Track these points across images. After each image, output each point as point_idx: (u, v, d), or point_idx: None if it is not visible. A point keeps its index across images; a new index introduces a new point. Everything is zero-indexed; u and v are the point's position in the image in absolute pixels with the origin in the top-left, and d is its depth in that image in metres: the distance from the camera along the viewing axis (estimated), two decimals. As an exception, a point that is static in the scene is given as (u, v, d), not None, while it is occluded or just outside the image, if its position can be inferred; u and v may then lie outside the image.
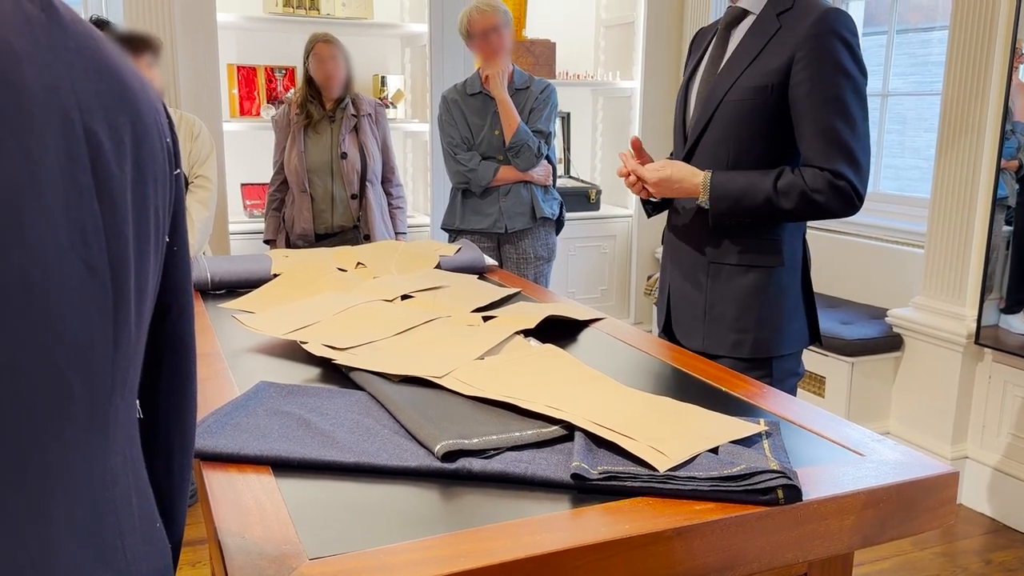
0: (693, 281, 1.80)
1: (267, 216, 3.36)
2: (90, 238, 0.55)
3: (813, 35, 1.60)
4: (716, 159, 1.72)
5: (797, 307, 1.77)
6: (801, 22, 1.62)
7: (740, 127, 1.69)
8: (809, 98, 1.61)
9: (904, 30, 3.71)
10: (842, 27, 1.61)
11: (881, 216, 3.62)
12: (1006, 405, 2.85)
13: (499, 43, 2.95)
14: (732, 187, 1.64)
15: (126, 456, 0.64)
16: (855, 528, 0.99)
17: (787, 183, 1.62)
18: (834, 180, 1.60)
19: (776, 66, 1.64)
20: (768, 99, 1.65)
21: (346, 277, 2.00)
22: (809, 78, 1.60)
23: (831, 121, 1.60)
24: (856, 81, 1.62)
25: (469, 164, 3.01)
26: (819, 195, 1.61)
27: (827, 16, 1.61)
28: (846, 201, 1.62)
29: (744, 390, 1.33)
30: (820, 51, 1.60)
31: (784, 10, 1.67)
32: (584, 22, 4.60)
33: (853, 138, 1.61)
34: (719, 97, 1.70)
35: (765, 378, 1.72)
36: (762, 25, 1.69)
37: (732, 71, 1.70)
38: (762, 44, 1.67)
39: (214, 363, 1.42)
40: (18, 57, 0.52)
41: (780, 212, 1.64)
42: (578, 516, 0.92)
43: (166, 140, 0.66)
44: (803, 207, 1.62)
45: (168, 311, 0.72)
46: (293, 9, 3.73)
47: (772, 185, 1.62)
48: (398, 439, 1.08)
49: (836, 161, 1.60)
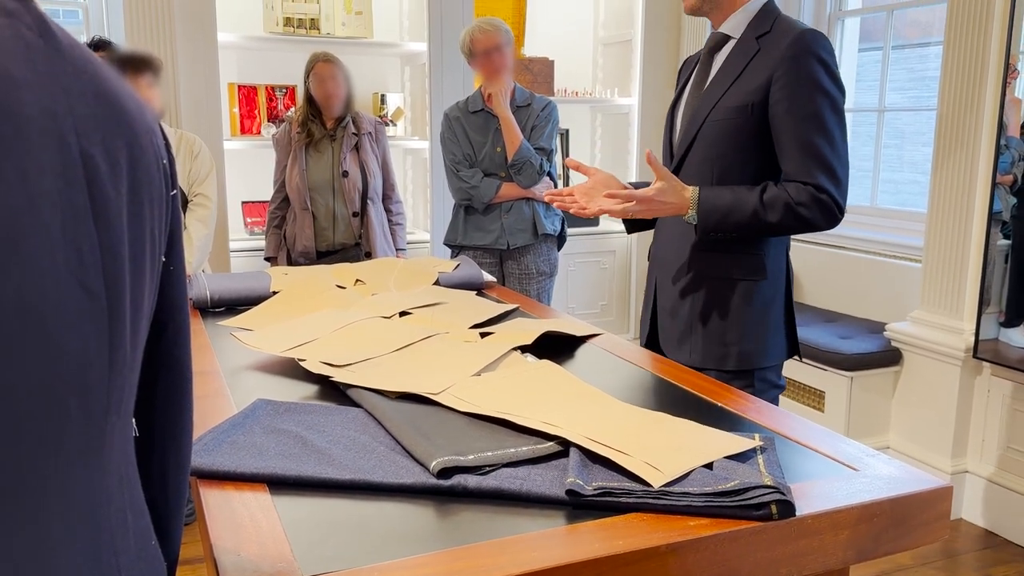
0: (680, 295, 1.82)
1: (268, 233, 3.38)
2: (86, 259, 0.56)
3: (790, 56, 1.65)
4: (702, 177, 1.75)
5: (779, 320, 1.81)
6: (779, 43, 1.68)
7: (723, 145, 1.73)
8: (788, 115, 1.66)
9: (901, 46, 3.74)
10: (818, 47, 1.66)
11: (879, 230, 3.63)
12: (1005, 419, 2.85)
13: (501, 62, 2.97)
14: (720, 202, 1.67)
15: (122, 474, 0.64)
16: (849, 543, 1.00)
17: (772, 196, 1.66)
18: (816, 193, 1.64)
19: (756, 86, 1.69)
20: (749, 118, 1.70)
21: (345, 294, 2.01)
22: (787, 96, 1.65)
23: (810, 137, 1.65)
24: (833, 98, 1.67)
25: (471, 181, 3.04)
26: (803, 208, 1.64)
27: (803, 37, 1.66)
28: (828, 214, 1.66)
29: (739, 405, 1.33)
30: (797, 70, 1.65)
31: (763, 33, 1.72)
32: (582, 40, 4.63)
33: (832, 153, 1.66)
34: (702, 117, 1.75)
35: (748, 388, 1.75)
36: (742, 48, 1.74)
37: (714, 92, 1.75)
38: (743, 66, 1.72)
39: (212, 381, 1.43)
40: (17, 84, 0.53)
41: (766, 225, 1.67)
42: (573, 532, 0.92)
43: (162, 161, 0.67)
44: (788, 220, 1.65)
45: (164, 330, 0.73)
46: (294, 28, 3.76)
47: (758, 199, 1.66)
48: (394, 456, 1.08)
49: (816, 175, 1.64)
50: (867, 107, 3.90)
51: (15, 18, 0.56)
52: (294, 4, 3.75)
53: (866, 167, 3.89)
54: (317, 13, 3.79)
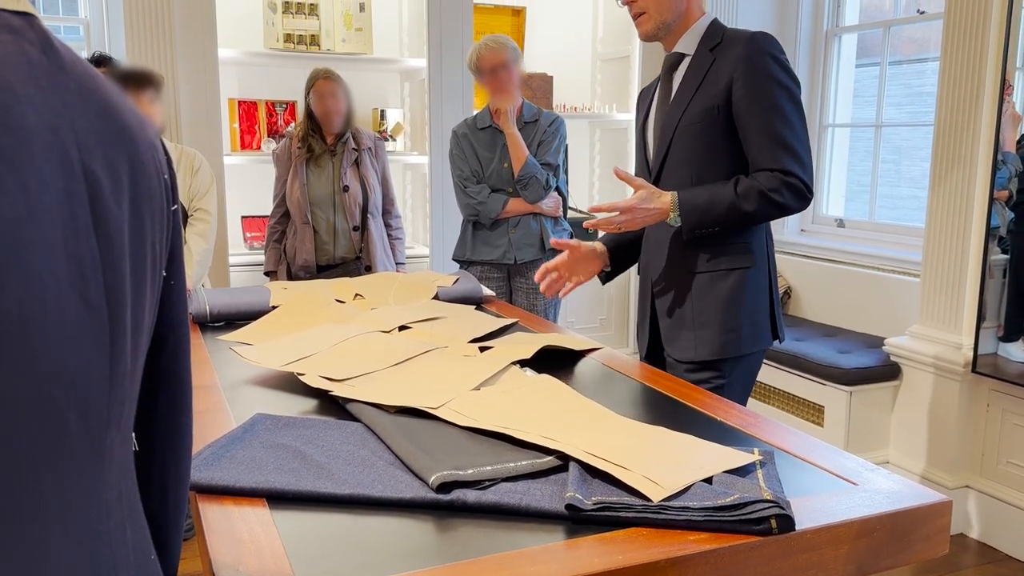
0: (677, 295, 1.88)
1: (268, 248, 3.38)
2: (87, 273, 0.57)
3: (745, 56, 1.76)
4: (681, 180, 1.84)
5: (763, 309, 1.89)
6: (732, 49, 1.79)
7: (697, 147, 1.82)
8: (750, 109, 1.76)
9: (898, 61, 3.76)
10: (769, 45, 1.77)
11: (878, 245, 3.63)
12: (1005, 434, 2.85)
13: (507, 79, 2.99)
14: (698, 200, 1.76)
15: (121, 489, 0.64)
16: (849, 557, 0.99)
17: (745, 187, 1.75)
18: (785, 178, 1.74)
19: (718, 89, 1.79)
20: (716, 119, 1.79)
21: (344, 309, 2.01)
22: (748, 93, 1.76)
23: (773, 126, 1.75)
24: (789, 89, 1.77)
25: (478, 197, 3.05)
26: (776, 194, 1.73)
27: (754, 38, 1.78)
28: (799, 195, 1.75)
29: (739, 419, 1.33)
30: (753, 68, 1.75)
31: (715, 45, 1.83)
32: (581, 56, 4.66)
33: (794, 138, 1.75)
34: (673, 126, 1.85)
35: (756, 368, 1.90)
36: (698, 61, 1.84)
37: (680, 102, 1.85)
38: (702, 75, 1.82)
39: (212, 395, 1.43)
40: (20, 99, 0.53)
41: (744, 215, 1.75)
42: (572, 547, 0.92)
43: (164, 176, 0.67)
44: (764, 207, 1.74)
45: (164, 344, 0.73)
46: (294, 44, 3.78)
47: (733, 192, 1.75)
48: (393, 470, 1.08)
49: (783, 160, 1.74)
50: (865, 122, 3.92)
51: (18, 35, 0.56)
52: (294, 20, 3.78)
53: (864, 182, 3.91)
54: (317, 29, 3.81)
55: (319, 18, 3.80)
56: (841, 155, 4.03)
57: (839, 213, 4.01)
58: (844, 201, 4.05)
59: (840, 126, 4.00)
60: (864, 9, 3.91)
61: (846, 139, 4.02)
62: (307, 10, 3.79)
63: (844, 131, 4.01)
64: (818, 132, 4.03)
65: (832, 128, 4.01)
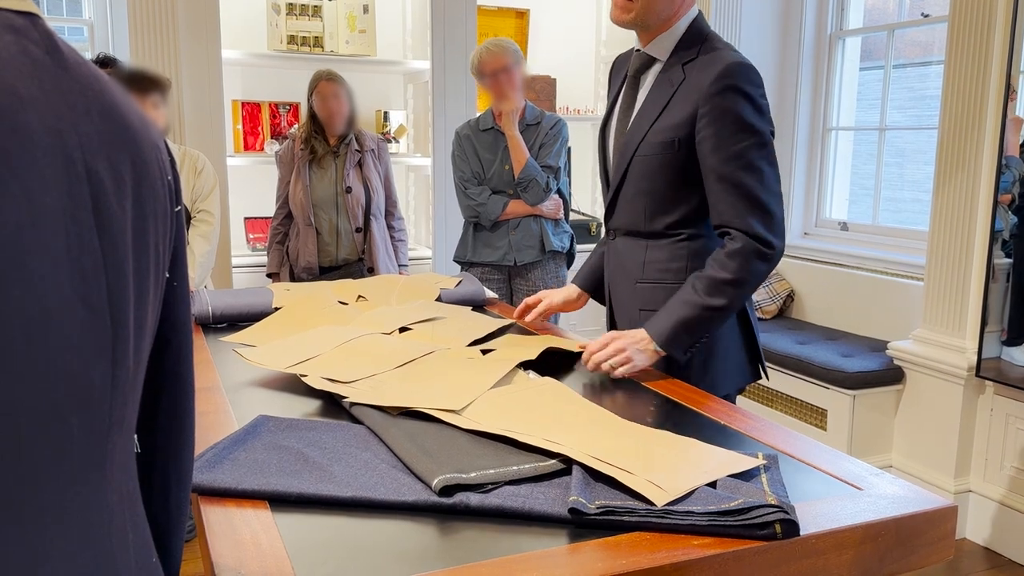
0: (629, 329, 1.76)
1: (270, 249, 3.38)
2: (90, 276, 0.56)
3: (715, 92, 1.60)
4: (635, 211, 1.75)
5: (737, 347, 1.75)
6: (705, 74, 1.62)
7: (653, 181, 1.70)
8: (715, 154, 1.61)
9: (902, 64, 3.75)
10: (743, 81, 1.60)
11: (881, 249, 3.63)
12: (1008, 438, 2.84)
13: (509, 82, 2.99)
14: (674, 324, 1.60)
15: (122, 491, 0.64)
16: (854, 563, 0.99)
17: (706, 285, 1.60)
18: (745, 247, 1.58)
19: (681, 119, 1.64)
20: (676, 154, 1.66)
21: (346, 310, 2.01)
22: (714, 135, 1.60)
23: (737, 177, 1.59)
24: (760, 135, 1.61)
25: (479, 198, 3.05)
26: (739, 275, 1.59)
27: (728, 72, 1.60)
28: (763, 260, 1.60)
29: (742, 423, 1.32)
30: (722, 108, 1.59)
31: (689, 60, 1.67)
32: (584, 58, 4.66)
33: (762, 190, 1.60)
34: (631, 152, 1.72)
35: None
36: (668, 75, 1.70)
37: (641, 124, 1.71)
38: (668, 95, 1.68)
39: (214, 397, 1.43)
40: (23, 101, 0.53)
41: (722, 311, 1.60)
42: (576, 551, 0.92)
43: (167, 178, 0.67)
44: (733, 295, 1.59)
45: (167, 346, 0.73)
46: (297, 46, 3.79)
47: (700, 297, 1.60)
48: (395, 473, 1.08)
49: (746, 216, 1.59)
50: (868, 125, 3.91)
51: (22, 35, 0.56)
52: (298, 22, 3.78)
53: (868, 185, 3.90)
54: (321, 31, 3.81)
55: (323, 20, 3.81)
56: (844, 158, 4.03)
57: (842, 216, 4.00)
58: (847, 204, 4.05)
59: (843, 129, 4.00)
60: (868, 12, 3.90)
61: (849, 142, 4.02)
62: (311, 12, 3.79)
63: (847, 134, 4.01)
64: (821, 135, 4.02)
65: (835, 131, 4.00)
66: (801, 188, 4.09)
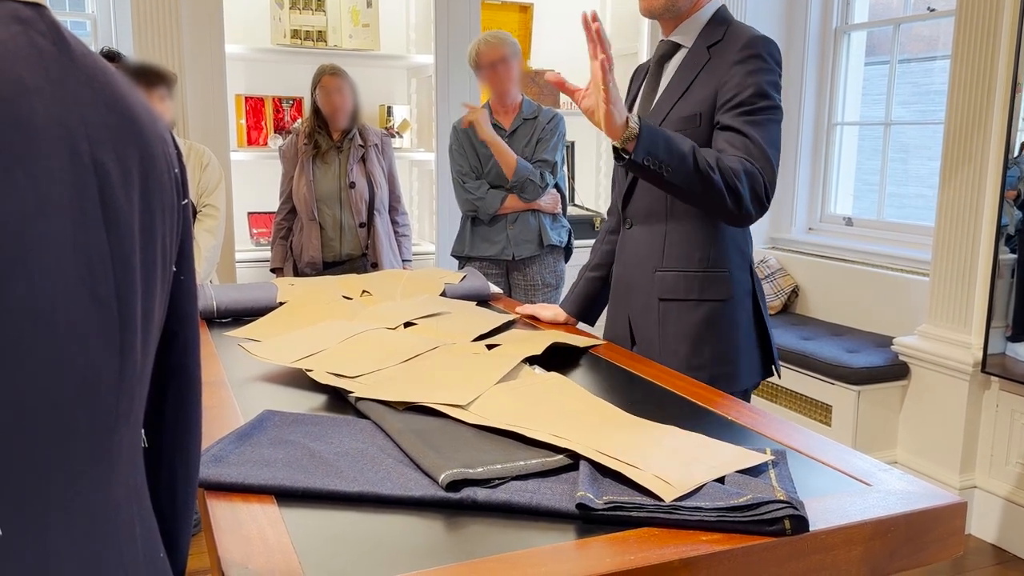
0: (645, 320, 1.78)
1: (274, 244, 3.38)
2: (97, 268, 0.56)
3: (738, 60, 1.64)
4: (656, 194, 1.72)
5: (750, 341, 1.75)
6: (730, 49, 1.66)
7: None
8: (732, 111, 1.62)
9: (906, 60, 3.74)
10: (765, 51, 1.64)
11: (886, 244, 3.62)
12: (1014, 434, 2.83)
13: (507, 74, 2.98)
14: (664, 132, 1.55)
15: (130, 485, 0.64)
16: (863, 559, 0.98)
17: (708, 153, 1.57)
18: (755, 171, 1.58)
19: (704, 95, 1.67)
20: (698, 128, 1.67)
21: (351, 305, 2.00)
22: (734, 95, 1.62)
23: (750, 131, 1.60)
24: (777, 107, 1.64)
25: (477, 193, 3.05)
26: (736, 177, 1.56)
27: (753, 42, 1.65)
28: (757, 199, 1.59)
29: (750, 419, 1.32)
30: (744, 73, 1.63)
31: (715, 42, 1.70)
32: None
33: (772, 152, 1.62)
34: None
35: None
36: (693, 58, 1.72)
37: (664, 105, 1.72)
38: (693, 76, 1.70)
39: (219, 391, 1.42)
40: (29, 91, 0.53)
41: (698, 174, 1.53)
42: (583, 547, 0.91)
43: (174, 171, 0.67)
44: (721, 179, 1.55)
45: (174, 340, 0.73)
46: (301, 40, 3.78)
47: (698, 151, 1.55)
48: (402, 468, 1.08)
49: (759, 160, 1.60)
50: (873, 120, 3.90)
51: (29, 25, 0.56)
52: (301, 16, 3.77)
53: (872, 180, 3.89)
54: (324, 25, 3.80)
55: (326, 14, 3.80)
56: (849, 153, 4.02)
57: (847, 211, 3.99)
58: (852, 199, 4.04)
59: (849, 124, 3.98)
60: (873, 7, 3.89)
61: (854, 137, 4.01)
62: (314, 6, 3.78)
63: (852, 129, 4.00)
64: (826, 130, 4.01)
65: (841, 126, 3.99)
66: (806, 183, 4.07)
